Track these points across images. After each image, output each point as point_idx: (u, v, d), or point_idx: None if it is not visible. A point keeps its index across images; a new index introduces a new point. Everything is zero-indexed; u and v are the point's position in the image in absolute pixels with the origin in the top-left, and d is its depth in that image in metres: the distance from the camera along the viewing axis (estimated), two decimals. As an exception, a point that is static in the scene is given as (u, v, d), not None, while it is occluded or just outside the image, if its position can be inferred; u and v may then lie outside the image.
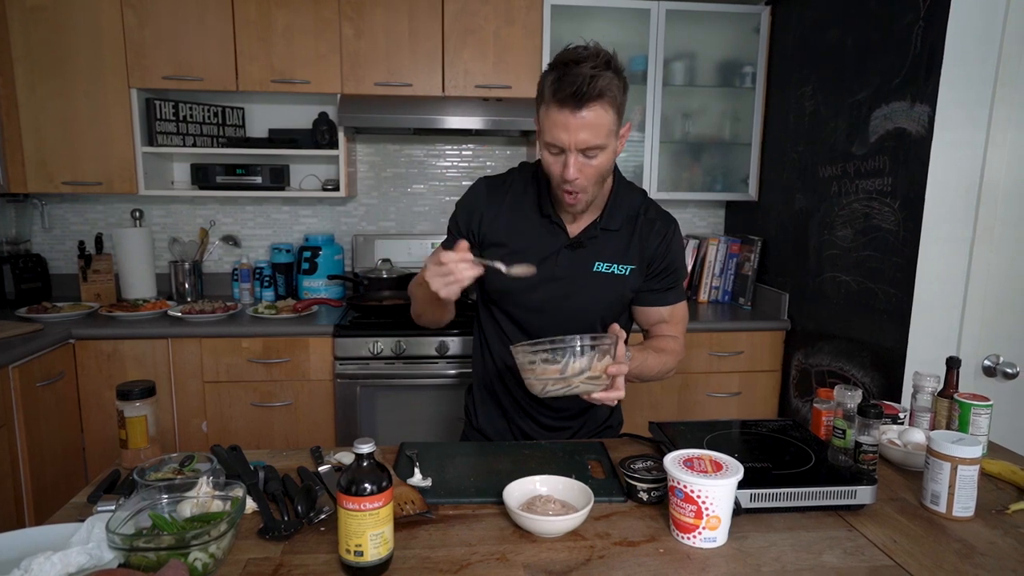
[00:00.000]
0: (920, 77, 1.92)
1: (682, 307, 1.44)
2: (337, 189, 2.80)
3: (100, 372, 2.42)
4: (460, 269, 1.11)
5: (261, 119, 2.97)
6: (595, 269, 1.34)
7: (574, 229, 1.35)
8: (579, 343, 1.08)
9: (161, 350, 2.43)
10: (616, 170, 1.38)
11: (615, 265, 1.34)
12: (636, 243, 1.35)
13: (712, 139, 3.05)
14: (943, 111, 1.86)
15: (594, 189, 1.25)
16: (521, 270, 1.20)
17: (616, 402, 1.16)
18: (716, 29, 2.91)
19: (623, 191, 1.37)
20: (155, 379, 1.98)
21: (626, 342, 1.17)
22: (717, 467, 1.01)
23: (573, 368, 1.08)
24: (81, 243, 2.84)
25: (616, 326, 1.15)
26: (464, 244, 1.14)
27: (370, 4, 2.61)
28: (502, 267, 1.19)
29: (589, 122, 1.14)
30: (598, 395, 1.11)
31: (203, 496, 0.98)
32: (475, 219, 1.37)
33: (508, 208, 1.36)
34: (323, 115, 2.78)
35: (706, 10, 2.81)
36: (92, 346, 2.41)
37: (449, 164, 3.12)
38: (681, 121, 2.99)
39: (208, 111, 2.82)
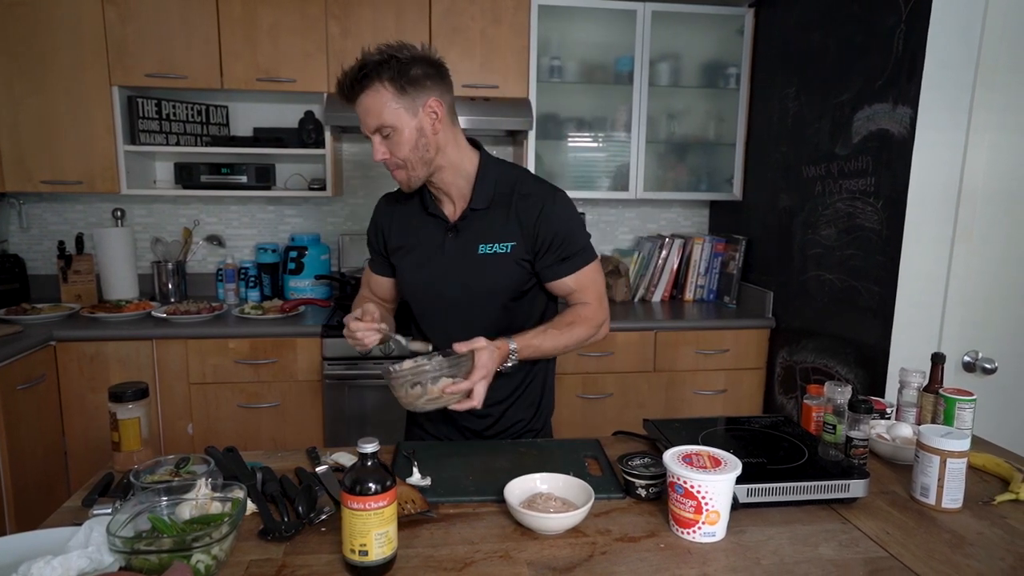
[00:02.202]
0: (902, 79, 1.96)
1: (587, 272, 1.41)
2: (323, 188, 2.78)
3: (82, 374, 2.38)
4: (365, 337, 1.30)
5: (246, 118, 2.94)
6: (480, 252, 1.37)
7: (453, 216, 1.41)
8: (432, 372, 1.22)
9: (145, 352, 2.40)
10: (483, 153, 1.41)
11: (496, 244, 1.37)
12: (514, 219, 1.36)
13: (697, 139, 3.08)
14: (925, 113, 1.90)
15: (412, 168, 1.32)
16: (418, 346, 1.35)
17: (476, 407, 1.24)
18: (701, 30, 2.95)
19: (490, 172, 1.39)
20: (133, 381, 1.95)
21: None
22: (715, 463, 1.03)
23: (432, 392, 1.22)
24: (61, 243, 2.79)
25: (459, 346, 1.23)
26: (370, 315, 1.31)
27: (357, 3, 2.60)
28: (402, 340, 1.34)
29: (367, 108, 1.27)
30: (455, 406, 1.24)
31: (202, 498, 0.97)
32: (380, 234, 1.50)
33: (400, 215, 1.47)
34: (309, 114, 2.76)
35: (691, 11, 2.84)
36: (74, 348, 2.36)
37: (436, 163, 3.11)
38: (666, 121, 3.02)
39: (192, 109, 2.78)
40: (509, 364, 1.31)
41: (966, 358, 2.00)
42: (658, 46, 2.85)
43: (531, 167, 2.79)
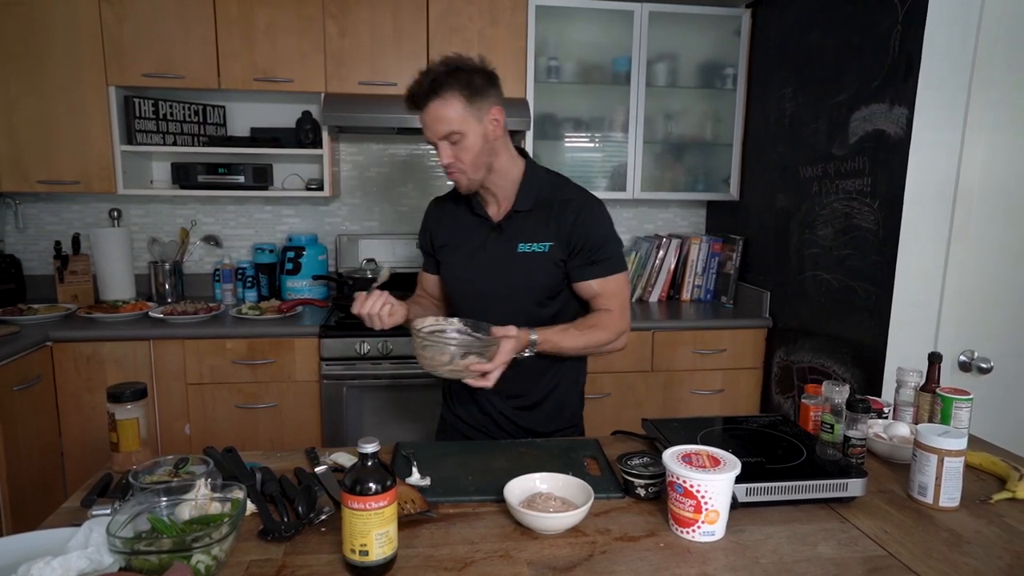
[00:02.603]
0: (898, 80, 1.97)
1: (614, 280, 1.47)
2: (321, 188, 2.78)
3: (79, 375, 2.37)
4: (373, 308, 1.37)
5: (243, 118, 2.93)
6: (519, 250, 1.46)
7: (497, 216, 1.50)
8: (462, 347, 1.28)
9: (143, 352, 2.39)
10: (528, 159, 1.52)
11: (535, 244, 1.46)
12: (553, 221, 1.46)
13: (694, 139, 3.08)
14: (921, 113, 1.91)
15: (473, 173, 1.41)
16: (383, 274, 1.49)
17: (489, 387, 1.31)
18: (698, 31, 2.95)
19: (534, 177, 1.50)
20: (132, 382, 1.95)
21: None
22: (714, 462, 1.03)
23: (457, 364, 1.27)
24: (57, 243, 2.78)
25: (501, 331, 1.31)
26: (361, 296, 1.38)
27: (354, 3, 2.60)
28: (376, 283, 1.44)
29: (437, 116, 1.35)
30: (470, 381, 1.31)
31: (201, 498, 0.97)
32: (428, 234, 1.61)
33: (448, 216, 1.58)
34: (307, 114, 2.75)
35: (688, 12, 2.84)
36: (70, 348, 2.36)
37: (433, 164, 3.11)
38: (663, 122, 3.02)
39: (188, 109, 2.78)
40: (526, 354, 1.37)
41: (962, 357, 2.01)
42: (655, 47, 2.86)
43: (529, 167, 2.79)
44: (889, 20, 2.00)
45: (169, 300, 2.83)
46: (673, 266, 3.09)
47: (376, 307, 1.36)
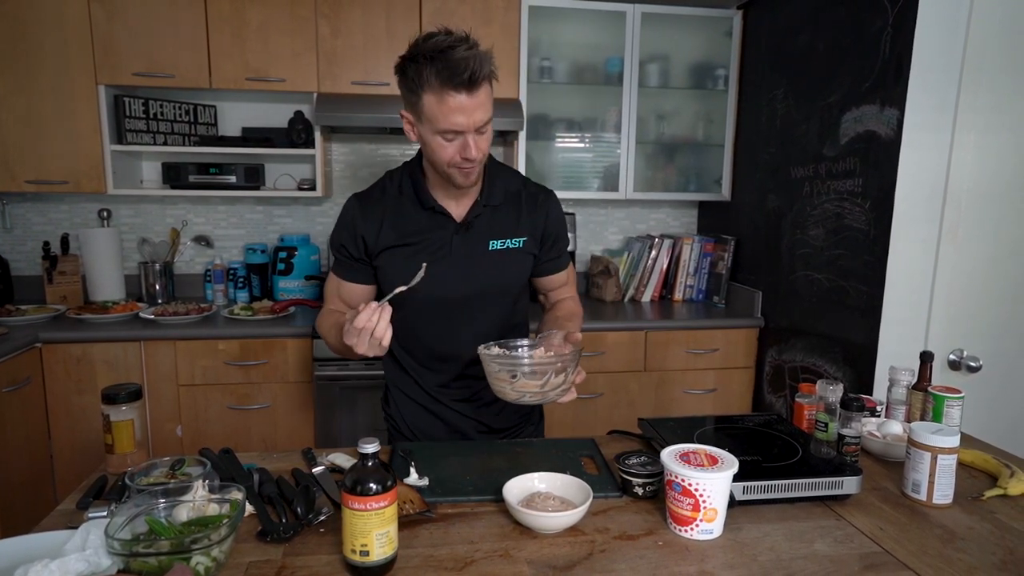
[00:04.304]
0: (889, 82, 1.99)
1: (571, 268, 1.56)
2: (313, 188, 2.77)
3: (69, 377, 2.35)
4: (375, 323, 1.11)
5: (234, 117, 2.92)
6: (491, 248, 1.37)
7: (459, 213, 1.37)
8: (560, 360, 1.16)
9: (133, 353, 2.37)
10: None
11: (508, 240, 1.38)
12: (525, 216, 1.40)
13: (686, 140, 3.10)
14: (911, 114, 1.93)
15: (483, 161, 1.29)
16: (418, 276, 1.20)
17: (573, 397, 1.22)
18: (690, 32, 2.97)
19: (496, 169, 1.41)
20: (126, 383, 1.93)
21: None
22: (712, 461, 1.04)
23: (552, 383, 1.15)
24: (46, 244, 2.75)
25: (578, 336, 1.24)
26: (362, 305, 1.13)
27: (347, 3, 2.59)
28: (403, 288, 1.19)
29: (482, 101, 1.19)
30: (562, 399, 1.19)
31: (199, 500, 0.97)
32: (358, 237, 1.37)
33: (391, 214, 1.37)
34: (299, 114, 2.74)
35: (680, 13, 2.85)
36: (60, 350, 2.33)
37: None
38: (656, 122, 3.04)
39: (179, 109, 2.76)
40: None
41: (951, 356, 2.04)
42: (647, 47, 2.87)
43: (521, 168, 2.80)
44: (880, 22, 2.02)
45: (160, 301, 2.81)
46: (665, 266, 3.10)
47: (382, 327, 1.12)
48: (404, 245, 1.36)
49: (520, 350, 1.27)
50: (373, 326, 1.11)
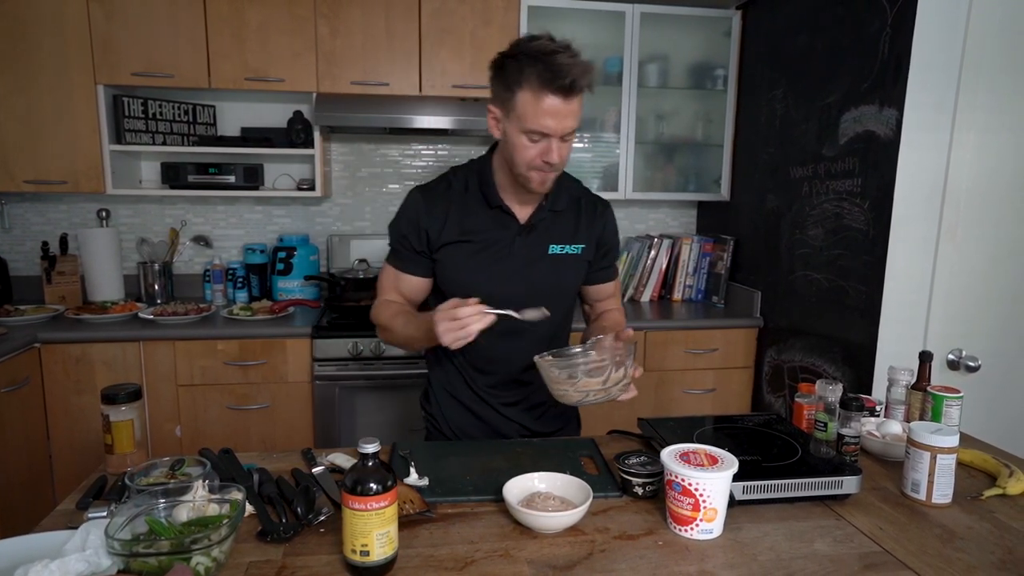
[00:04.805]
0: (888, 82, 1.99)
1: (618, 279, 1.60)
2: (312, 189, 2.77)
3: (68, 377, 2.35)
4: (473, 322, 1.15)
5: (233, 117, 2.91)
6: (550, 252, 1.40)
7: (523, 215, 1.39)
8: (616, 356, 1.17)
9: (132, 353, 2.37)
10: None
11: (568, 246, 1.41)
12: (584, 224, 1.43)
13: (685, 140, 3.10)
14: (910, 114, 1.93)
15: (561, 169, 1.33)
16: (534, 314, 1.22)
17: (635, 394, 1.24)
18: (689, 32, 2.97)
19: (562, 178, 1.42)
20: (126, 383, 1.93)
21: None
22: (712, 460, 1.04)
23: (613, 378, 1.16)
24: (45, 244, 2.75)
25: (630, 332, 1.23)
26: (472, 300, 1.18)
27: (346, 3, 2.59)
28: (515, 314, 1.20)
29: (575, 110, 1.22)
30: (623, 396, 1.20)
31: (199, 500, 0.96)
32: (420, 231, 1.38)
33: (456, 209, 1.38)
34: (298, 114, 2.74)
35: (679, 13, 2.85)
36: (59, 350, 2.33)
37: (424, 164, 3.11)
38: (655, 122, 3.04)
39: (178, 109, 2.76)
40: None
41: (950, 356, 2.04)
42: (647, 47, 2.87)
43: (521, 167, 2.80)
44: (878, 22, 2.02)
45: (159, 301, 2.81)
46: (664, 266, 3.10)
47: (475, 328, 1.15)
48: (466, 242, 1.37)
49: (575, 355, 1.27)
50: (470, 324, 1.14)
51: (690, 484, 1.00)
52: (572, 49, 1.21)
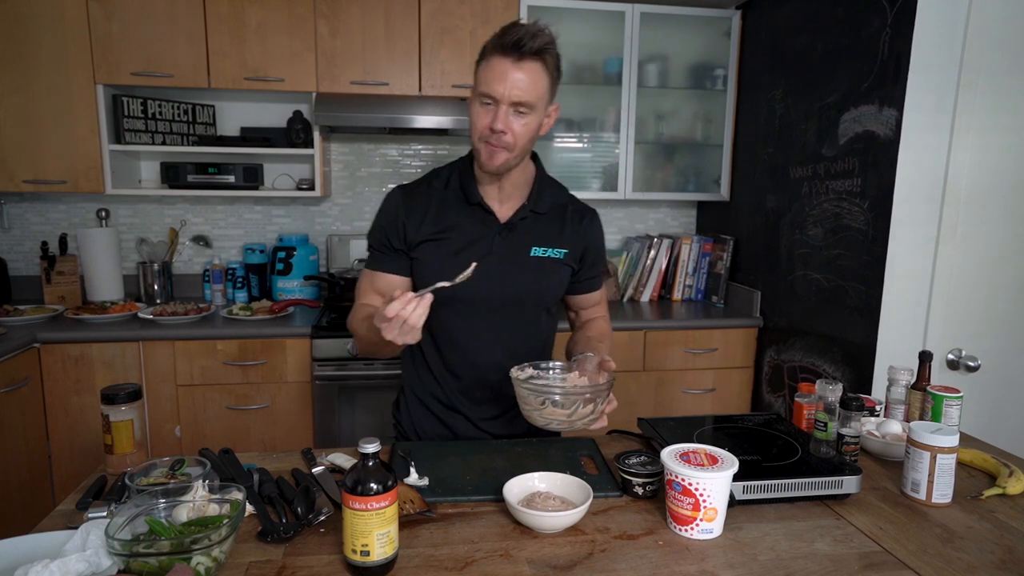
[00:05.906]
0: (888, 82, 1.99)
1: (604, 287, 1.58)
2: (312, 188, 2.77)
3: (67, 377, 2.35)
4: (409, 312, 1.06)
5: (232, 117, 2.91)
6: (532, 254, 1.37)
7: (504, 213, 1.37)
8: (588, 392, 1.16)
9: (132, 353, 2.37)
10: (539, 161, 1.45)
11: (550, 249, 1.38)
12: (569, 231, 1.41)
13: (685, 140, 3.10)
14: (910, 115, 1.93)
15: (516, 154, 1.27)
16: (464, 274, 1.14)
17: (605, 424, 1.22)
18: (689, 32, 2.97)
19: (546, 179, 1.44)
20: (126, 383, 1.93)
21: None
22: (712, 460, 1.04)
23: (580, 413, 1.15)
24: (44, 244, 2.75)
25: (612, 365, 1.23)
26: (398, 292, 1.08)
27: (346, 2, 2.59)
28: (446, 283, 1.13)
29: (525, 78, 1.21)
30: (594, 426, 1.18)
31: (199, 500, 0.96)
32: (399, 227, 1.35)
33: (435, 204, 1.36)
34: (298, 113, 2.74)
35: (679, 13, 2.85)
36: (59, 350, 2.33)
37: (424, 164, 3.11)
38: (655, 122, 3.04)
39: (178, 108, 2.75)
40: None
41: (950, 356, 2.04)
42: (646, 47, 2.87)
43: (521, 167, 2.80)
44: (878, 22, 2.02)
45: (158, 301, 2.81)
46: (664, 266, 3.10)
47: (417, 315, 1.07)
48: (444, 239, 1.34)
49: (552, 372, 1.27)
50: (407, 315, 1.06)
51: (690, 484, 1.00)
52: (544, 29, 1.23)
